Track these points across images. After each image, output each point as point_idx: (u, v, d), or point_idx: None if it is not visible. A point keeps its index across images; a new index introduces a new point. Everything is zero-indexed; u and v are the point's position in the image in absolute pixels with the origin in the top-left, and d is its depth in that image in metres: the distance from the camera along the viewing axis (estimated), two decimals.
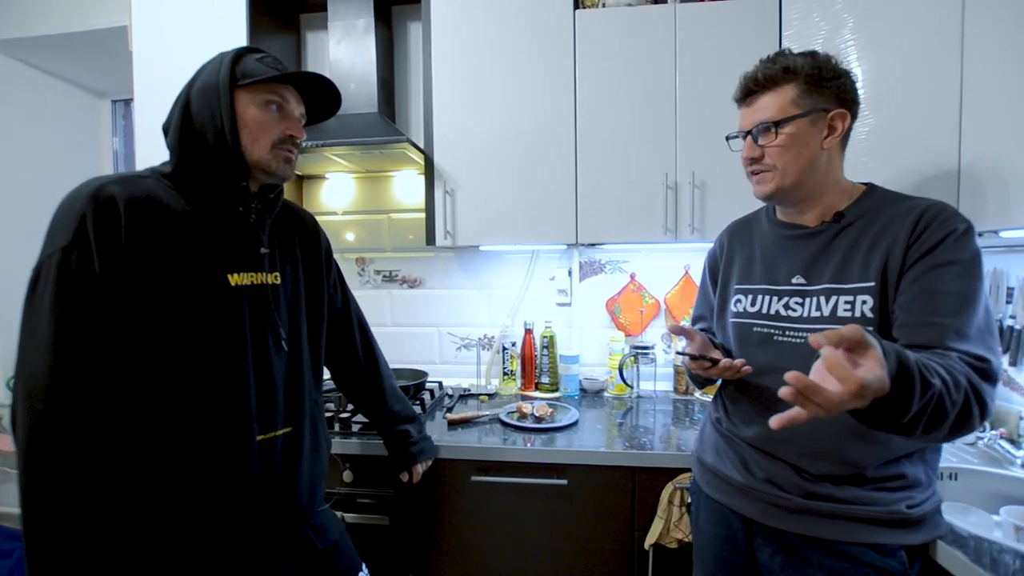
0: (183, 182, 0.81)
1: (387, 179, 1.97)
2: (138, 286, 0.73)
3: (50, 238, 0.72)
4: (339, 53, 1.71)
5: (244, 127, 0.81)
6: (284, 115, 0.85)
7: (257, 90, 0.82)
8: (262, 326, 0.86)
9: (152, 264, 0.74)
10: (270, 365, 0.86)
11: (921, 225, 0.79)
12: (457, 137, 1.59)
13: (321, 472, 0.97)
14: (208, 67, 0.83)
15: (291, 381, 0.90)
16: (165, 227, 0.76)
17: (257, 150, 0.82)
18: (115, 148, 2.49)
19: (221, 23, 1.61)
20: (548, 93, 1.54)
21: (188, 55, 1.62)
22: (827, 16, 1.31)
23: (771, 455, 0.88)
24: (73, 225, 0.70)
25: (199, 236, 0.80)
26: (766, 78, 0.85)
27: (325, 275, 1.05)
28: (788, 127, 0.83)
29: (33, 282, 0.72)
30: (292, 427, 0.89)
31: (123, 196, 0.73)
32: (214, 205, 0.83)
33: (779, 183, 0.86)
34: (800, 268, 0.90)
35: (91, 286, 0.70)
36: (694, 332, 0.95)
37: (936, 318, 0.73)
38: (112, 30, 1.88)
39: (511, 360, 1.82)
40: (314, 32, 1.96)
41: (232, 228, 0.84)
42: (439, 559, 1.36)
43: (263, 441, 0.84)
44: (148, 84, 1.66)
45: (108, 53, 2.02)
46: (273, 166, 0.85)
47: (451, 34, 1.58)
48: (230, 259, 0.83)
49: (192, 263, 0.78)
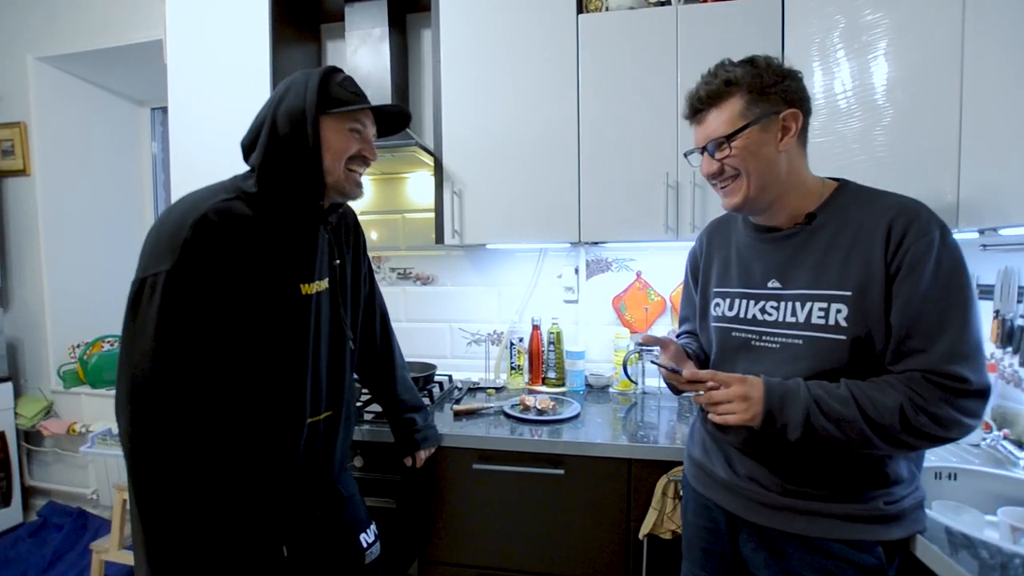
0: (267, 200, 0.89)
1: (401, 180, 2.05)
2: (227, 297, 0.84)
3: (153, 257, 0.81)
4: (356, 61, 1.80)
5: (328, 150, 0.89)
6: (363, 138, 0.94)
7: (342, 118, 0.90)
8: (319, 327, 0.97)
9: (240, 277, 0.84)
10: (320, 361, 0.99)
11: (895, 234, 0.77)
12: (465, 139, 1.65)
13: (349, 444, 1.14)
14: (293, 89, 0.88)
15: (335, 372, 1.03)
16: (252, 244, 0.86)
17: (336, 171, 0.91)
18: (153, 152, 2.66)
19: (246, 34, 1.71)
20: (552, 96, 1.58)
21: (216, 65, 1.74)
22: (829, 16, 1.31)
23: (753, 455, 0.89)
24: (178, 250, 0.79)
25: (278, 251, 0.89)
26: (709, 95, 0.85)
27: (362, 268, 1.17)
28: (739, 139, 0.83)
29: (136, 295, 0.81)
30: (332, 411, 1.03)
31: (219, 220, 0.83)
32: (293, 222, 0.91)
33: (745, 193, 0.85)
34: (775, 271, 0.89)
35: (190, 302, 0.80)
36: (668, 341, 0.97)
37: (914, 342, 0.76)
38: (149, 43, 2.03)
39: (519, 355, 1.88)
40: (333, 41, 2.05)
41: (306, 243, 0.94)
42: (442, 541, 1.42)
43: (312, 423, 0.97)
44: (181, 93, 1.78)
45: (146, 64, 2.17)
46: (347, 188, 0.94)
47: (459, 40, 1.64)
48: (302, 270, 0.93)
49: (271, 277, 0.88)
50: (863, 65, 1.25)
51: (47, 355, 2.39)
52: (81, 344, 2.42)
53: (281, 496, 0.95)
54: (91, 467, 2.36)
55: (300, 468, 0.96)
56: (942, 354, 0.74)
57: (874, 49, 1.23)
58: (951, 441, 0.77)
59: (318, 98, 0.86)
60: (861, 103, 1.25)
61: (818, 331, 0.82)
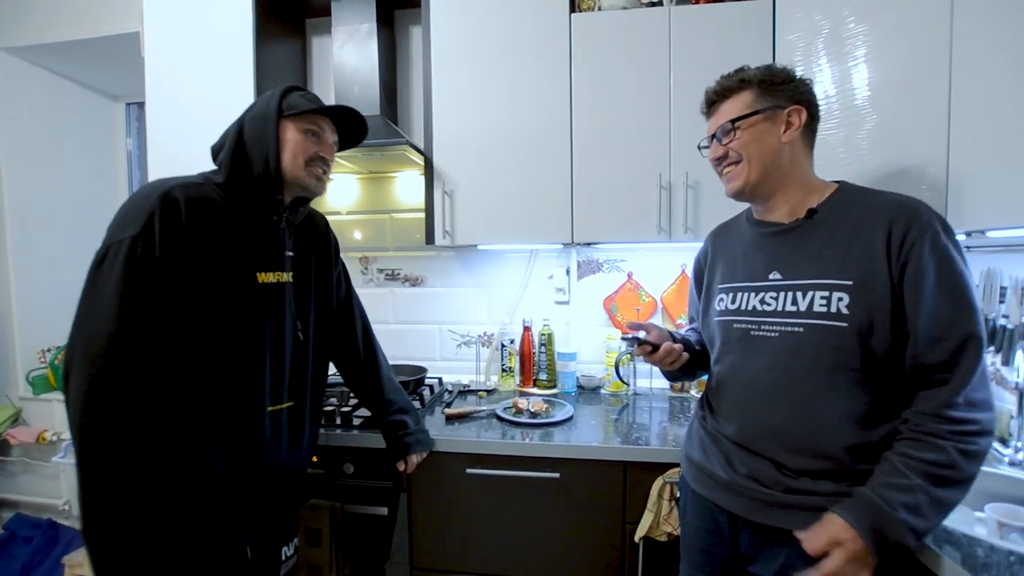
0: (231, 191, 0.96)
1: (389, 180, 2.01)
2: (187, 273, 0.87)
3: (119, 227, 0.85)
4: (343, 57, 1.76)
5: (285, 148, 0.98)
6: (320, 141, 1.02)
7: (299, 120, 0.99)
8: (279, 317, 1.02)
9: (201, 257, 0.89)
10: (282, 350, 1.02)
11: (897, 229, 0.81)
12: (456, 138, 1.62)
13: (315, 440, 1.19)
14: (261, 100, 1.00)
15: (297, 364, 1.07)
16: (214, 227, 0.91)
17: (295, 168, 0.99)
18: (129, 149, 2.57)
19: (229, 29, 1.66)
20: (545, 95, 1.57)
21: (197, 60, 1.68)
22: (816, 18, 1.32)
23: (753, 451, 0.90)
24: (143, 219, 0.84)
25: (239, 238, 0.95)
26: (724, 88, 0.95)
27: (333, 272, 1.21)
28: (745, 123, 0.91)
29: (99, 261, 0.83)
30: (295, 402, 1.06)
31: (185, 198, 0.88)
32: (254, 213, 0.98)
33: (746, 177, 0.93)
34: (776, 264, 0.93)
35: (151, 269, 0.83)
36: (651, 325, 1.05)
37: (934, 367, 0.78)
38: (125, 36, 1.94)
39: (510, 357, 1.86)
40: (319, 36, 2.00)
41: (265, 233, 1.00)
42: (435, 547, 1.40)
43: (272, 412, 1.01)
44: (159, 88, 1.72)
45: (122, 58, 2.09)
46: (306, 181, 1.00)
47: (450, 37, 1.62)
48: (260, 259, 0.99)
49: (231, 261, 0.94)
50: (845, 72, 1.27)
51: (15, 360, 2.29)
52: (51, 348, 2.32)
53: (245, 486, 0.97)
54: (63, 476, 2.26)
55: (265, 457, 0.99)
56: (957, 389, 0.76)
57: (855, 57, 1.25)
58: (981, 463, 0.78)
59: (279, 105, 0.97)
60: (844, 108, 1.27)
61: (820, 318, 0.85)
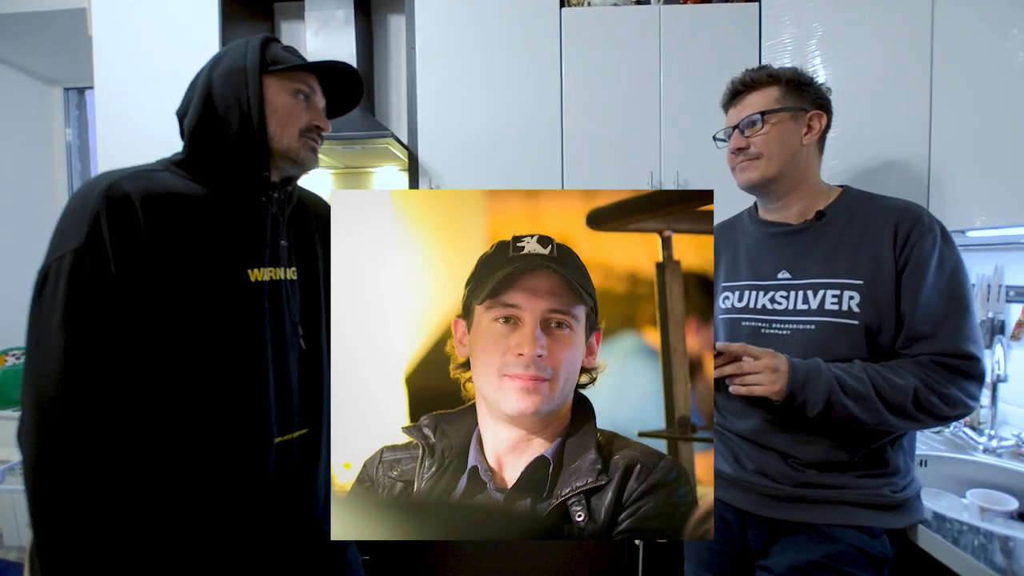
0: (200, 171, 0.77)
1: (366, 175, 1.92)
2: (157, 286, 0.69)
3: (59, 240, 0.68)
4: (317, 44, 1.66)
5: (273, 114, 0.78)
6: (311, 105, 0.82)
7: (287, 77, 0.79)
8: (281, 324, 0.81)
9: (171, 262, 0.70)
10: (287, 364, 0.82)
11: (902, 231, 0.85)
12: (442, 133, 1.57)
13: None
14: (231, 52, 0.79)
15: (309, 380, 0.85)
16: (184, 222, 0.72)
17: (286, 138, 0.79)
18: (68, 140, 2.33)
19: (190, 9, 1.53)
20: (534, 89, 1.54)
21: (154, 41, 1.54)
22: (803, 21, 1.35)
23: (762, 446, 0.90)
24: (86, 226, 0.66)
25: (218, 229, 0.75)
26: (753, 80, 0.95)
27: None
28: (774, 118, 0.92)
29: (40, 285, 0.67)
30: (309, 428, 0.84)
31: (138, 192, 0.69)
32: (234, 195, 0.78)
33: (764, 171, 0.93)
34: (785, 264, 0.94)
35: (106, 289, 0.66)
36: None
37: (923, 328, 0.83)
38: (67, 12, 1.76)
39: None
40: (289, 22, 1.89)
41: (252, 221, 0.79)
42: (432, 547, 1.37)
43: (281, 443, 0.80)
44: (110, 72, 1.56)
45: (61, 37, 1.89)
46: (301, 155, 0.81)
47: (436, 28, 1.56)
48: (249, 254, 0.78)
49: (212, 258, 0.74)
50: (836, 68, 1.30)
51: None
52: None
53: (247, 535, 0.78)
54: None
55: (272, 500, 0.79)
56: (949, 337, 0.82)
57: (846, 52, 1.29)
58: (954, 419, 0.86)
59: (260, 58, 0.77)
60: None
61: (832, 316, 0.87)
